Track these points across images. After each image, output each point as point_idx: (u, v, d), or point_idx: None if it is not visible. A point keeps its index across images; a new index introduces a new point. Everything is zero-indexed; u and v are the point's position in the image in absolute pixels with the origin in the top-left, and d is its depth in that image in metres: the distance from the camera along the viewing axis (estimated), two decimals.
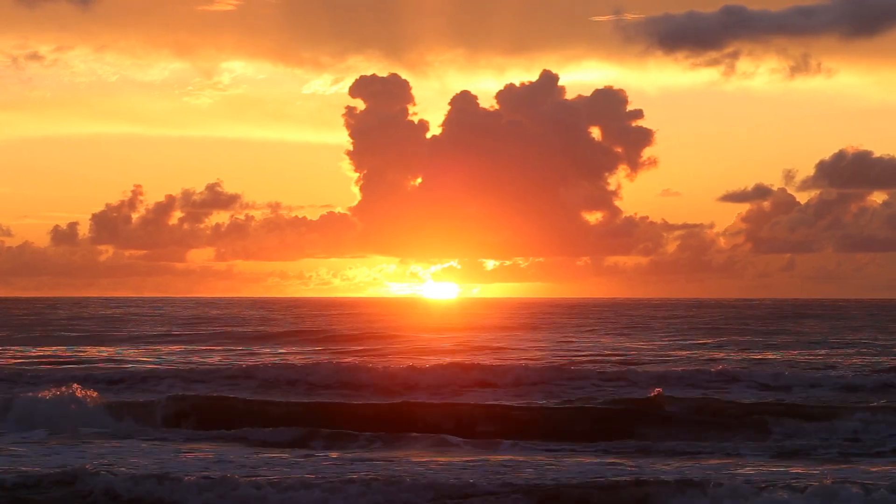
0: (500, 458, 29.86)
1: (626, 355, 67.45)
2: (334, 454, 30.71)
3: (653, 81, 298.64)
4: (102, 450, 31.33)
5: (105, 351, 72.29)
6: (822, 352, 71.13)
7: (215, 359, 64.54)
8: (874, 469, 28.07)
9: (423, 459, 29.56)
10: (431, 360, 57.35)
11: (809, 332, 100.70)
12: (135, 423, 36.58)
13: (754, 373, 50.29)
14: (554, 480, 25.86)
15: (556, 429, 35.13)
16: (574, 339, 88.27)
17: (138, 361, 61.82)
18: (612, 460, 29.64)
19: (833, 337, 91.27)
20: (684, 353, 70.26)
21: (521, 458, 29.67)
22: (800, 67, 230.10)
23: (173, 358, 65.29)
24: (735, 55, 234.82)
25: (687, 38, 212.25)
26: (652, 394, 39.16)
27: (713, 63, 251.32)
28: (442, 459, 29.50)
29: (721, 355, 67.61)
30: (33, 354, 67.65)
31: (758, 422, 35.72)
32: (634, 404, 38.73)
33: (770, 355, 67.88)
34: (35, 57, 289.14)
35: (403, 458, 29.89)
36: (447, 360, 57.02)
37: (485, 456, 30.18)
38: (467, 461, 29.09)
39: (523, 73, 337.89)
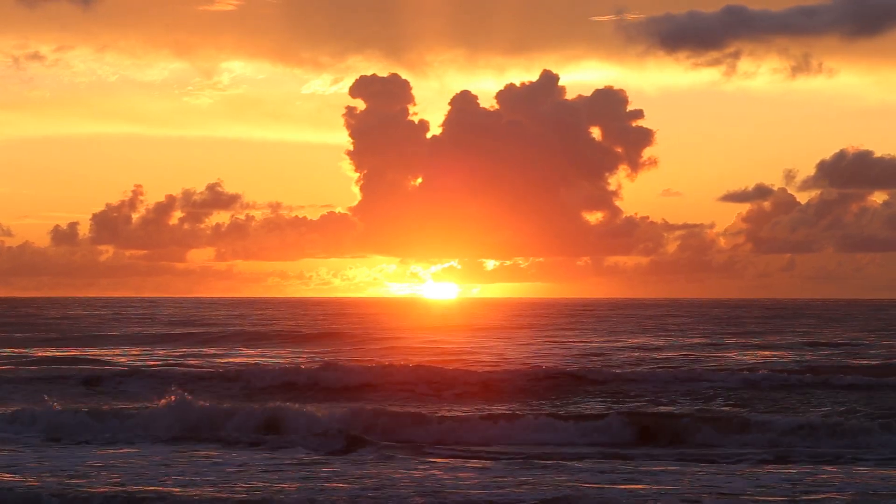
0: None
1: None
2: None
3: (653, 81, 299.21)
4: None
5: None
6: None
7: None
8: None
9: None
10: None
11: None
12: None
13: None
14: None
15: None
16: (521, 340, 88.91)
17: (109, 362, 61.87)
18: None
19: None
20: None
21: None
22: (801, 67, 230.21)
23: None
24: (736, 55, 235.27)
25: (688, 38, 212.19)
26: None
27: (714, 63, 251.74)
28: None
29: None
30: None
31: None
32: None
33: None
34: (36, 57, 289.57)
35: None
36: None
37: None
38: None
39: (523, 73, 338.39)
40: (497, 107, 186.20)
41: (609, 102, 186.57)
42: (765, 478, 26.67)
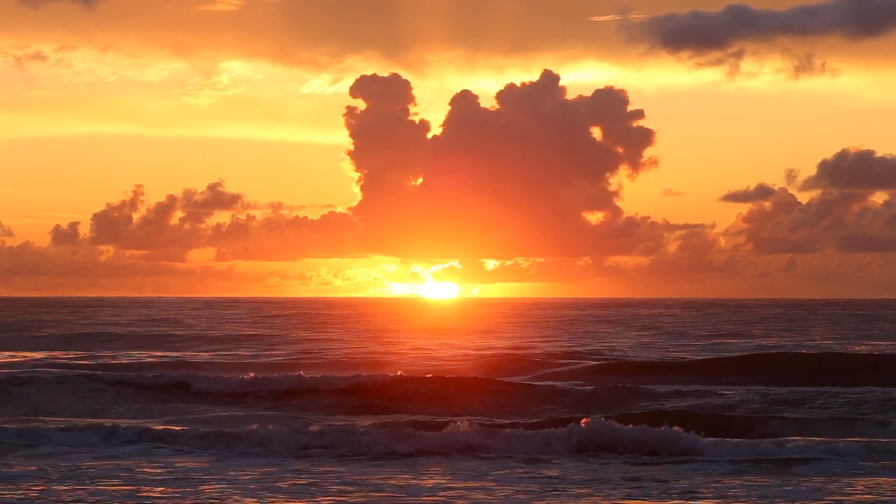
0: None
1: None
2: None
3: (654, 81, 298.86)
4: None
5: None
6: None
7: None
8: None
9: None
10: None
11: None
12: None
13: None
14: None
15: None
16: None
17: None
18: None
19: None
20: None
21: None
22: (804, 67, 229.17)
23: None
24: (739, 55, 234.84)
25: (691, 38, 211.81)
26: None
27: (717, 63, 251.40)
28: None
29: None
30: None
31: None
32: None
33: None
34: (38, 57, 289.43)
35: None
36: None
37: None
38: None
39: (522, 74, 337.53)
40: (497, 107, 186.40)
41: (610, 102, 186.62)
42: None
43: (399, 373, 50.94)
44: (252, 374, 50.59)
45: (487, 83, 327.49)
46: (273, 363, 62.38)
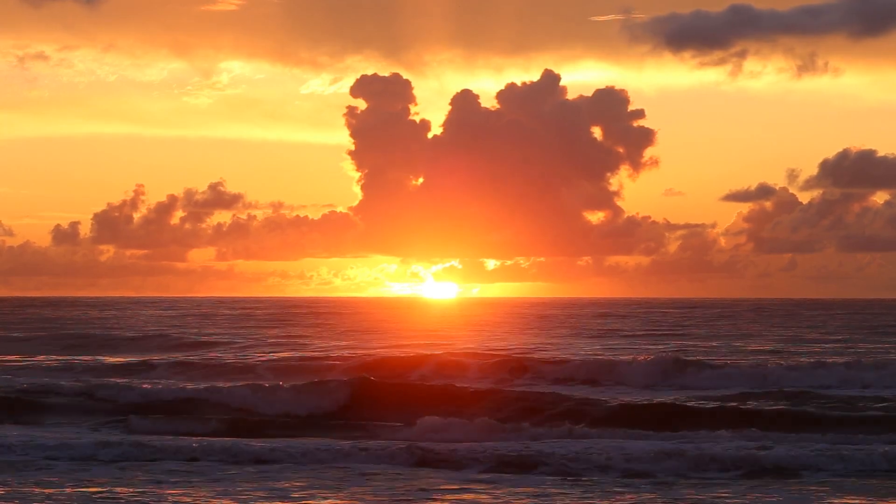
0: None
1: None
2: None
3: (654, 81, 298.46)
4: None
5: None
6: None
7: None
8: None
9: None
10: None
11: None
12: None
13: None
14: None
15: None
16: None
17: None
18: None
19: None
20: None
21: None
22: (807, 67, 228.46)
23: None
24: (742, 54, 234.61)
25: (693, 38, 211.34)
26: None
27: (720, 62, 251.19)
28: None
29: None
30: None
31: None
32: None
33: None
34: (40, 57, 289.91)
35: None
36: None
37: None
38: None
39: (522, 74, 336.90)
40: (498, 106, 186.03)
41: (610, 102, 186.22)
42: None
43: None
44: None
45: (487, 83, 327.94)
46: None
